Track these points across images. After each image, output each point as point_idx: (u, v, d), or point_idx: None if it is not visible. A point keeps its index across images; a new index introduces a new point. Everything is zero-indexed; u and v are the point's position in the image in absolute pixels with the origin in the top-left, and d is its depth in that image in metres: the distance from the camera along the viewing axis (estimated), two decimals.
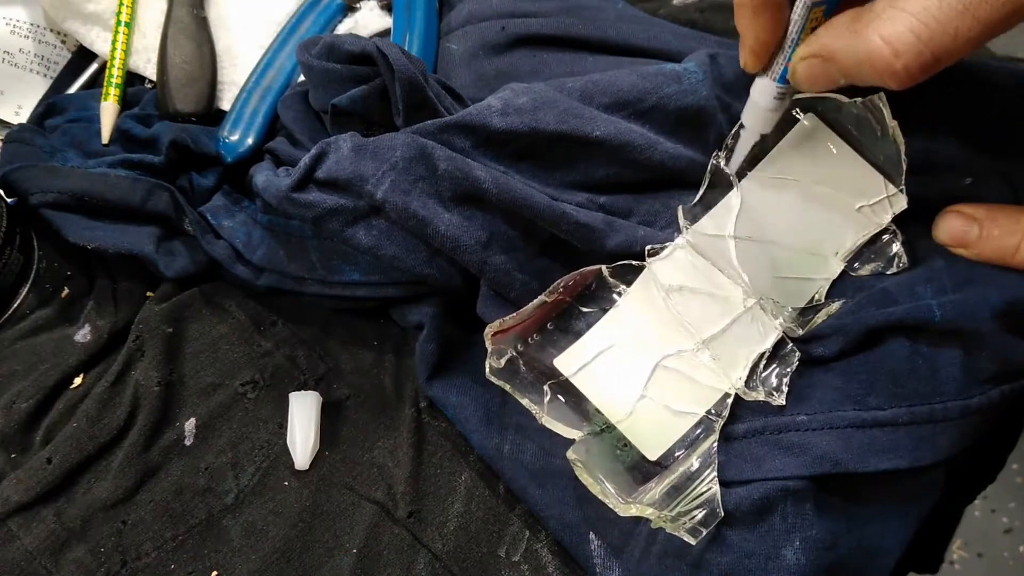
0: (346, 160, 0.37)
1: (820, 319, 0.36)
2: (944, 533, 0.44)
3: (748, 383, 0.36)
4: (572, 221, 0.37)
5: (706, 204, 0.39)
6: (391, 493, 0.39)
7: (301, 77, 0.46)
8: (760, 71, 0.35)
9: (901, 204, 0.37)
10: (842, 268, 0.37)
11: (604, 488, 0.34)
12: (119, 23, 0.49)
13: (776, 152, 0.38)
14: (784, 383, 0.35)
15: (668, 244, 0.38)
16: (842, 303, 0.36)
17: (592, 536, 0.37)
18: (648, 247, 0.37)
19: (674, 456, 0.35)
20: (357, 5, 0.51)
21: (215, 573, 0.38)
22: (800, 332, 0.36)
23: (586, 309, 0.38)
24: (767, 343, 0.36)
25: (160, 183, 0.43)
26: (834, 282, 0.38)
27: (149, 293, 0.44)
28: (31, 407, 0.40)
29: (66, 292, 0.44)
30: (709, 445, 0.35)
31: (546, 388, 0.37)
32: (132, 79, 0.50)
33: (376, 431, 0.41)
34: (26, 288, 0.44)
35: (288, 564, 0.38)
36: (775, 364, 0.36)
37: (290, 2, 0.51)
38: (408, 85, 0.38)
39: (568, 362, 0.37)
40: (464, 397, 0.40)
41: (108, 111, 0.47)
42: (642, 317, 0.37)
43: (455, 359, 0.41)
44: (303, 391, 0.41)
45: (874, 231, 0.37)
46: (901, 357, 0.34)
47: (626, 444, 0.36)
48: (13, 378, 0.41)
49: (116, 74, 0.48)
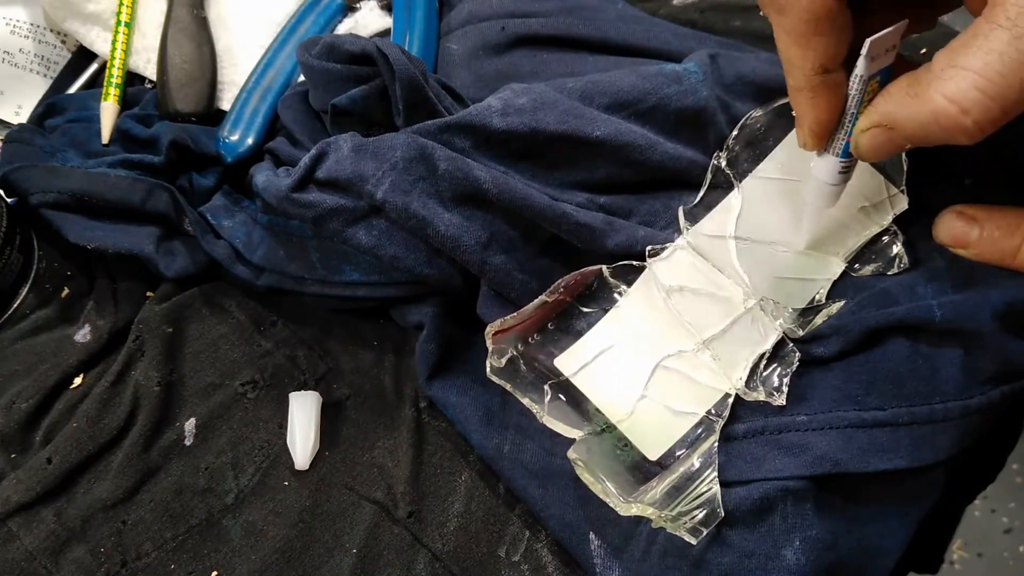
0: (346, 160, 0.37)
1: (820, 320, 0.36)
2: (944, 533, 0.44)
3: (748, 383, 0.36)
4: (572, 221, 0.37)
5: (707, 204, 0.39)
6: (391, 493, 0.39)
7: (301, 77, 0.46)
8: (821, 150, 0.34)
9: (902, 205, 0.37)
10: (843, 269, 0.37)
11: (605, 487, 0.34)
12: (119, 23, 0.49)
13: (777, 152, 0.38)
14: (784, 383, 0.35)
15: (669, 244, 0.38)
16: (842, 304, 0.36)
17: (592, 536, 0.37)
18: (649, 247, 0.37)
19: (675, 456, 0.35)
20: (357, 5, 0.51)
21: (215, 573, 0.38)
22: (800, 333, 0.36)
23: (587, 309, 0.38)
24: (767, 344, 0.36)
25: (160, 183, 0.43)
26: (835, 283, 0.38)
27: (149, 293, 0.44)
28: (31, 407, 0.40)
29: (66, 292, 0.44)
30: (710, 445, 0.35)
31: (546, 388, 0.37)
32: (132, 79, 0.50)
33: (376, 431, 0.41)
34: (26, 288, 0.44)
35: (288, 564, 0.38)
36: (775, 365, 0.36)
37: (290, 2, 0.51)
38: (408, 85, 0.38)
39: (569, 362, 0.37)
40: (464, 397, 0.40)
41: (108, 111, 0.47)
42: (643, 317, 0.37)
43: (455, 359, 0.41)
44: (303, 391, 0.41)
45: (875, 232, 0.37)
46: (901, 357, 0.34)
47: (626, 444, 0.36)
48: (13, 378, 0.41)
49: (116, 74, 0.48)
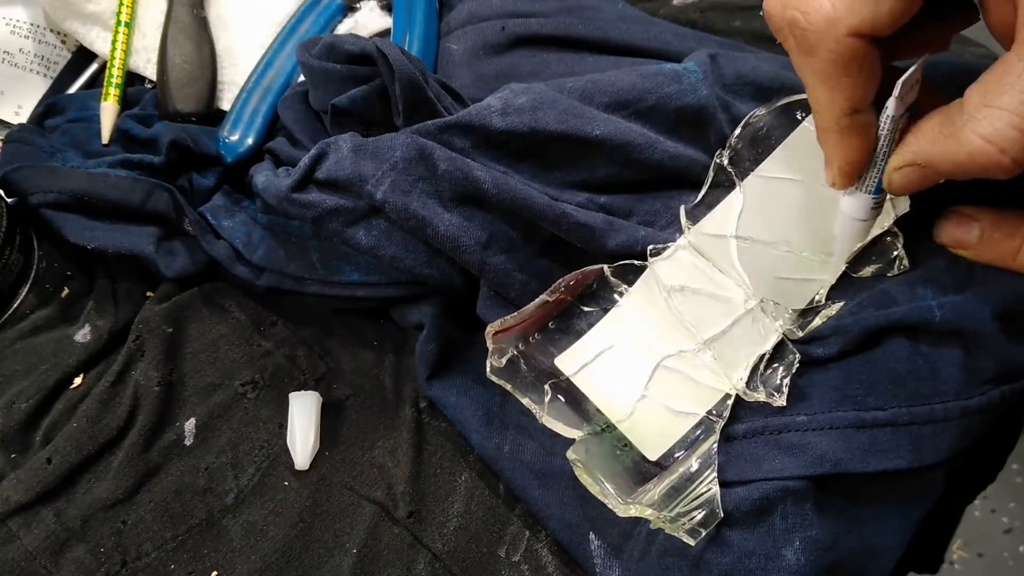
0: (346, 160, 0.37)
1: (820, 321, 0.36)
2: (944, 533, 0.44)
3: (749, 384, 0.36)
4: (572, 221, 0.37)
5: (708, 203, 0.39)
6: (391, 493, 0.39)
7: (301, 77, 0.46)
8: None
9: (904, 207, 0.37)
10: (843, 269, 0.37)
11: (603, 488, 0.34)
12: (119, 23, 0.49)
13: (779, 152, 0.38)
14: (784, 384, 0.35)
15: (670, 244, 0.38)
16: (842, 304, 0.36)
17: (592, 536, 0.37)
18: (650, 247, 0.37)
19: (674, 457, 0.35)
20: (357, 5, 0.51)
21: (215, 573, 0.38)
22: (800, 334, 0.36)
23: (587, 309, 0.38)
24: (767, 344, 0.36)
25: (160, 183, 0.43)
26: (835, 283, 0.38)
27: (149, 293, 0.44)
28: (31, 407, 0.40)
29: (66, 292, 0.44)
30: (709, 446, 0.35)
31: (547, 388, 0.37)
32: (132, 79, 0.50)
33: (376, 431, 0.41)
34: (26, 288, 0.44)
35: (288, 564, 0.38)
36: (775, 365, 0.36)
37: (290, 2, 0.51)
38: (408, 85, 0.38)
39: (569, 361, 0.37)
40: (464, 397, 0.40)
41: (108, 111, 0.47)
42: (643, 317, 0.37)
43: (455, 359, 0.41)
44: (303, 391, 0.41)
45: (876, 233, 0.37)
46: (901, 358, 0.34)
47: (626, 444, 0.36)
48: (13, 378, 0.41)
49: (116, 74, 0.48)
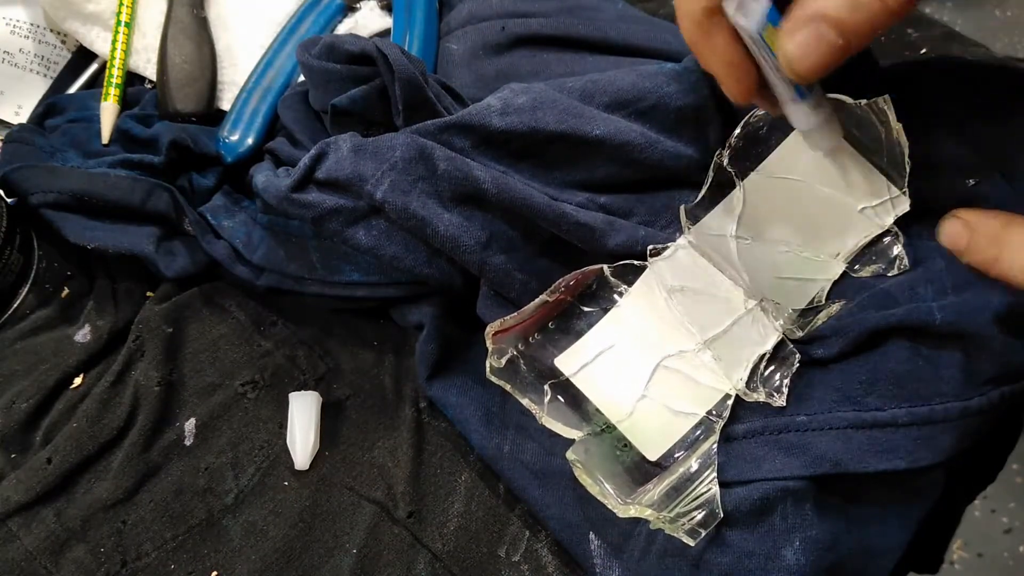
0: (346, 160, 0.37)
1: (820, 320, 0.36)
2: (944, 533, 0.44)
3: (749, 384, 0.36)
4: (572, 221, 0.37)
5: (708, 203, 0.39)
6: (391, 493, 0.39)
7: (301, 77, 0.46)
8: (782, 106, 0.33)
9: (904, 206, 0.37)
10: (843, 270, 0.37)
11: (603, 489, 0.34)
12: (119, 23, 0.49)
13: (779, 152, 0.38)
14: (784, 384, 0.35)
15: (670, 244, 0.38)
16: (842, 304, 0.36)
17: (592, 536, 0.37)
18: (650, 247, 0.37)
19: (673, 457, 0.35)
20: (357, 5, 0.51)
21: (215, 573, 0.38)
22: (800, 334, 0.36)
23: (587, 309, 0.38)
24: (768, 344, 0.36)
25: (160, 183, 0.43)
26: (835, 283, 0.38)
27: (149, 293, 0.44)
28: (31, 407, 0.40)
29: (66, 292, 0.44)
30: (709, 446, 0.35)
31: (546, 388, 0.37)
32: (132, 79, 0.50)
33: (376, 431, 0.41)
34: (26, 288, 0.44)
35: (288, 564, 0.38)
36: (775, 365, 0.36)
37: (290, 2, 0.51)
38: (408, 85, 0.38)
39: (569, 362, 0.37)
40: (464, 397, 0.40)
41: (108, 111, 0.47)
42: (643, 317, 0.37)
43: (455, 359, 0.41)
44: (303, 391, 0.41)
45: (876, 233, 0.37)
46: (901, 358, 0.34)
47: (626, 444, 0.36)
48: (13, 378, 0.41)
49: (116, 74, 0.48)
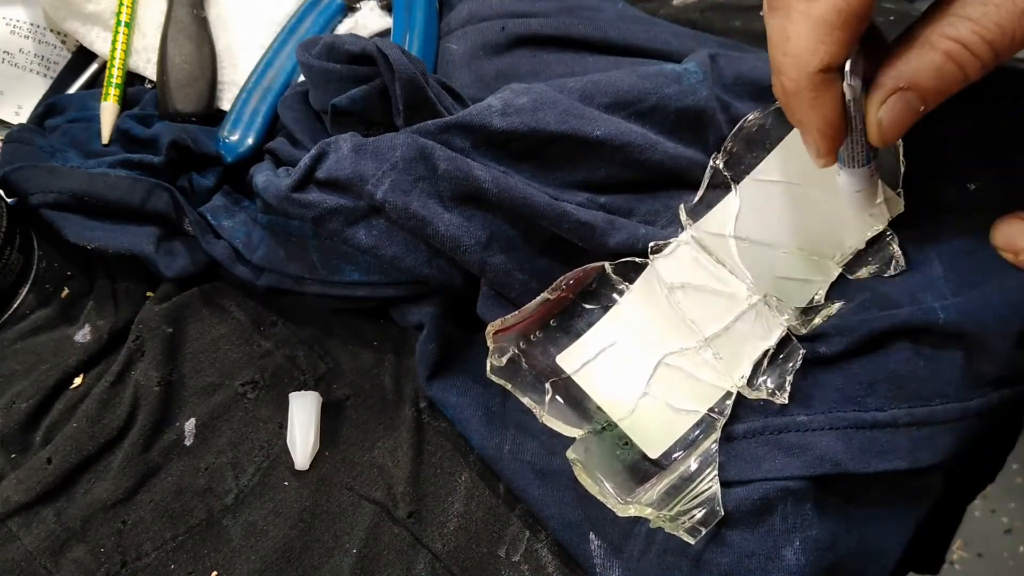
0: (346, 160, 0.37)
1: (820, 320, 0.36)
2: (944, 533, 0.44)
3: (751, 382, 0.36)
4: (573, 220, 0.37)
5: (707, 203, 0.39)
6: (391, 493, 0.39)
7: (301, 77, 0.46)
8: (839, 164, 0.33)
9: (898, 208, 0.37)
10: (839, 271, 0.37)
11: (603, 488, 0.34)
12: (119, 23, 0.49)
13: (775, 155, 0.38)
14: (787, 382, 0.35)
15: (671, 240, 0.38)
16: (841, 304, 0.36)
17: (592, 535, 0.37)
18: (651, 244, 0.37)
19: (674, 456, 0.35)
20: (357, 5, 0.51)
21: (215, 573, 0.38)
22: (803, 331, 0.36)
23: (589, 307, 0.38)
24: (771, 340, 0.36)
25: (160, 183, 0.43)
26: (834, 283, 0.38)
27: (149, 293, 0.44)
28: (31, 407, 0.40)
29: (66, 292, 0.44)
30: (710, 444, 0.35)
31: (547, 386, 0.37)
32: (132, 79, 0.50)
33: (376, 431, 0.41)
34: (26, 288, 0.44)
35: (288, 564, 0.38)
36: (779, 362, 0.36)
37: (290, 2, 0.51)
38: (408, 85, 0.38)
39: (570, 359, 0.37)
40: (464, 397, 0.40)
41: (108, 111, 0.47)
42: (645, 314, 0.37)
43: (455, 359, 0.41)
44: (303, 391, 0.41)
45: (872, 235, 0.37)
46: (902, 359, 0.34)
47: (627, 442, 0.36)
48: (13, 378, 0.41)
49: (116, 74, 0.48)
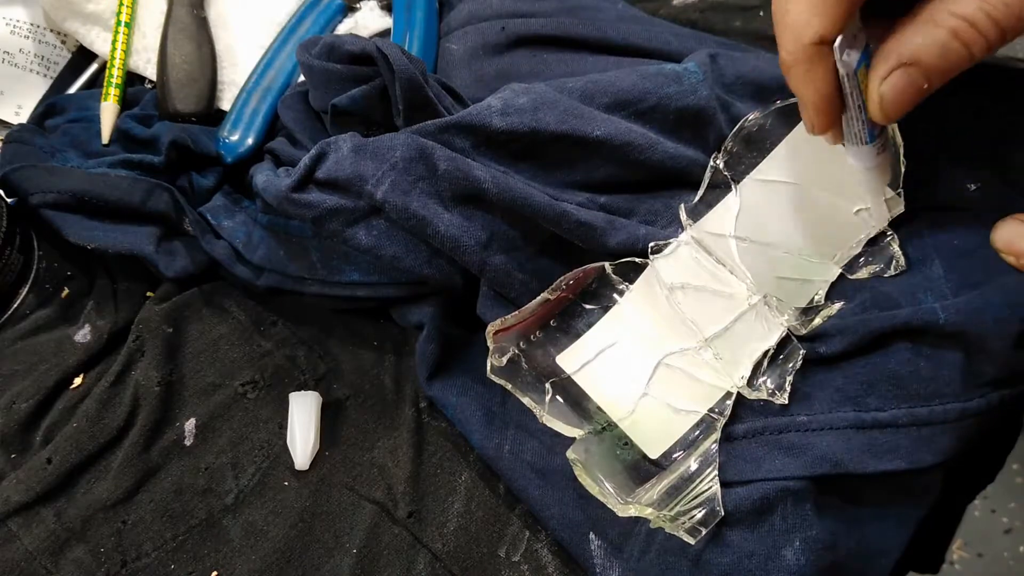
0: (346, 160, 0.37)
1: (820, 320, 0.36)
2: (944, 533, 0.44)
3: (750, 382, 0.36)
4: (573, 220, 0.37)
5: (707, 203, 0.39)
6: (391, 493, 0.39)
7: (301, 77, 0.46)
8: (845, 143, 0.33)
9: (899, 208, 0.37)
10: (839, 272, 0.37)
11: (603, 488, 0.34)
12: (119, 23, 0.49)
13: (775, 154, 0.38)
14: (787, 382, 0.35)
15: (672, 240, 0.38)
16: (841, 305, 0.36)
17: (592, 535, 0.37)
18: (651, 244, 0.37)
19: (674, 456, 0.35)
20: (357, 5, 0.51)
21: (215, 573, 0.38)
22: (803, 331, 0.36)
23: (589, 307, 0.38)
24: (771, 340, 0.36)
25: (160, 183, 0.43)
26: (834, 283, 0.38)
27: (149, 293, 0.44)
28: (31, 407, 0.40)
29: (66, 292, 0.44)
30: (710, 444, 0.35)
31: (547, 387, 0.37)
32: (132, 79, 0.50)
33: (376, 431, 0.41)
34: (26, 288, 0.44)
35: (288, 564, 0.38)
36: (779, 362, 0.36)
37: (290, 2, 0.51)
38: (408, 85, 0.38)
39: (570, 360, 0.37)
40: (464, 397, 0.40)
41: (108, 111, 0.47)
42: (645, 314, 0.37)
43: (455, 359, 0.41)
44: (303, 391, 0.41)
45: (872, 234, 0.37)
46: (902, 359, 0.34)
47: (627, 442, 0.36)
48: (13, 378, 0.41)
49: (116, 74, 0.48)
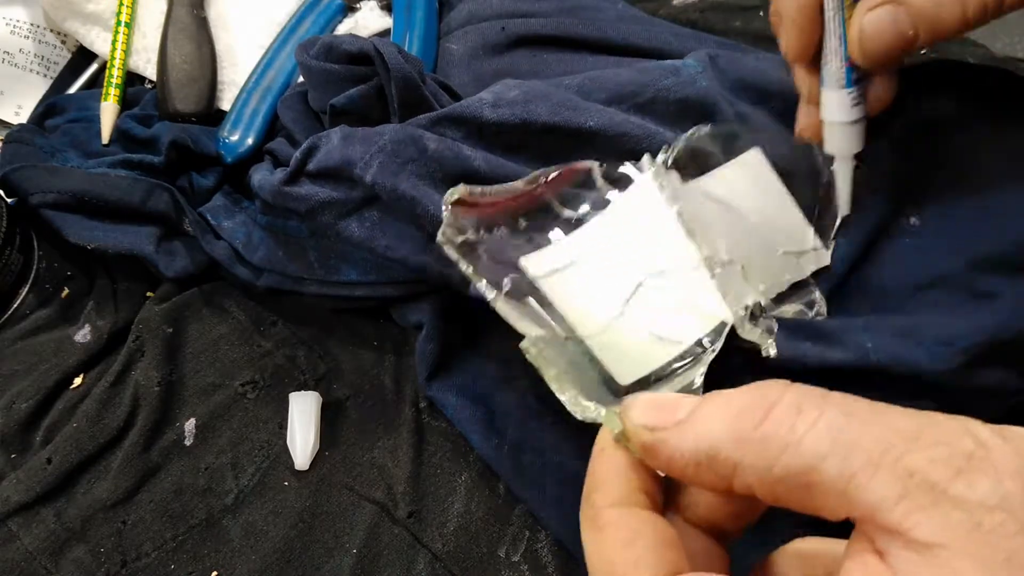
0: (335, 149, 0.37)
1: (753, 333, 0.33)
2: None
3: (754, 317, 0.32)
4: None
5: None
6: (391, 493, 0.39)
7: (301, 78, 0.46)
8: (823, 86, 0.32)
9: (825, 260, 0.36)
10: (762, 300, 0.34)
11: (560, 381, 0.30)
12: (119, 23, 0.49)
13: (720, 171, 0.36)
14: (771, 331, 0.32)
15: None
16: (772, 336, 0.33)
17: None
18: (649, 155, 0.35)
19: (649, 385, 0.32)
20: (357, 5, 0.51)
21: (215, 573, 0.38)
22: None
23: (567, 212, 0.34)
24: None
25: (160, 183, 0.43)
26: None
27: (149, 293, 0.44)
28: (31, 407, 0.40)
29: (66, 292, 0.44)
30: (694, 378, 0.31)
31: (506, 281, 0.32)
32: (132, 79, 0.50)
33: (376, 431, 0.41)
34: (26, 288, 0.44)
35: (288, 564, 0.38)
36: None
37: (290, 2, 0.51)
38: (403, 84, 0.38)
39: (537, 263, 0.33)
40: (464, 397, 0.40)
41: (108, 111, 0.47)
42: (633, 226, 0.33)
43: (455, 359, 0.41)
44: (303, 391, 0.41)
45: (795, 279, 0.36)
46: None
47: (592, 359, 0.32)
48: (13, 378, 0.41)
49: (116, 74, 0.48)
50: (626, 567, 0.20)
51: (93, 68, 0.51)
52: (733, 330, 0.32)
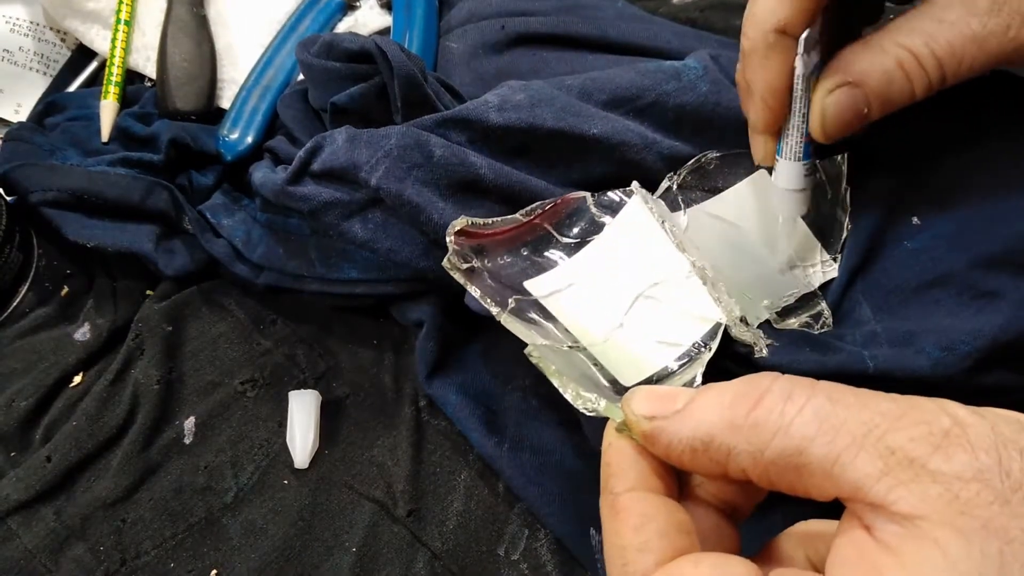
0: (341, 150, 0.37)
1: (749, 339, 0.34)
2: None
3: (745, 320, 0.33)
4: None
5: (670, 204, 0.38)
6: (391, 492, 0.39)
7: (301, 76, 0.46)
8: (780, 156, 0.34)
9: (833, 272, 0.36)
10: (767, 317, 0.35)
11: (563, 380, 0.30)
12: (119, 21, 0.49)
13: (725, 195, 0.38)
14: (761, 339, 0.33)
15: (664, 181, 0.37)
16: (770, 342, 0.34)
17: (593, 532, 0.36)
18: (635, 182, 0.36)
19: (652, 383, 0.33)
20: (357, 3, 0.51)
21: (215, 572, 0.38)
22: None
23: (565, 239, 0.36)
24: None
25: (160, 181, 0.43)
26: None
27: (148, 291, 0.44)
28: (31, 405, 0.40)
29: (65, 290, 0.44)
30: (693, 375, 0.32)
31: (511, 300, 0.34)
32: (132, 77, 0.50)
33: (376, 430, 0.41)
34: (26, 286, 0.44)
35: (288, 563, 0.38)
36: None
37: (290, 0, 0.51)
38: (406, 82, 0.38)
39: (540, 286, 0.35)
40: (464, 396, 0.40)
41: (108, 109, 0.47)
42: (628, 246, 0.35)
43: (455, 357, 0.41)
44: (303, 389, 0.41)
45: (802, 293, 0.36)
46: None
47: (596, 363, 0.33)
48: (13, 376, 0.41)
49: (116, 72, 0.48)
50: (634, 551, 0.22)
51: (93, 66, 0.51)
52: (728, 335, 0.33)
